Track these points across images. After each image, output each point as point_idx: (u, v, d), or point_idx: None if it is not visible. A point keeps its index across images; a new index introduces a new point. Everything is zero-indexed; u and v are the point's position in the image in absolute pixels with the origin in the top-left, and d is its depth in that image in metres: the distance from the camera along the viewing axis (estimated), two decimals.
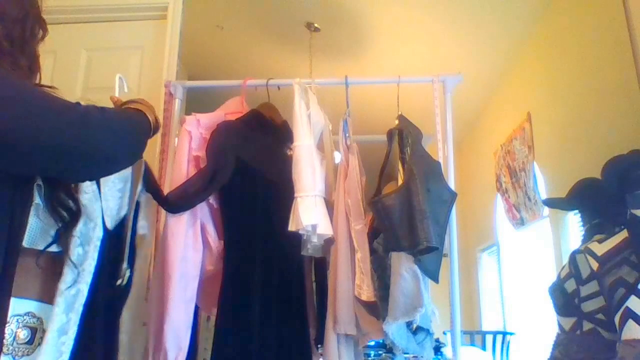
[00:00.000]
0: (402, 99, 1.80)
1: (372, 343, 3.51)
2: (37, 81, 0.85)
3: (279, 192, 1.53)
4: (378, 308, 1.49)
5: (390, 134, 1.69)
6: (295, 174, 1.50)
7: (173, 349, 1.36)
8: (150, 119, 0.99)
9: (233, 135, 1.55)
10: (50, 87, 0.81)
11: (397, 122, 1.70)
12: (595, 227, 1.80)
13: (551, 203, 2.55)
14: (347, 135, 1.72)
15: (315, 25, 3.42)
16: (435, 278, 1.51)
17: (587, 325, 1.65)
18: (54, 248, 0.82)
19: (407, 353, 1.56)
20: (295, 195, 1.47)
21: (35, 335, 0.74)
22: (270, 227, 1.52)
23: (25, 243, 0.74)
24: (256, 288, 1.47)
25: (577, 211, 2.15)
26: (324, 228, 1.48)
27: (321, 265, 1.68)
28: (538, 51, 3.31)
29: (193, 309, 1.44)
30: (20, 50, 0.82)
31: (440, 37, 3.53)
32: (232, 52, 3.85)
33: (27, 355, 0.73)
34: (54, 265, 0.82)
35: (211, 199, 1.53)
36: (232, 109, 1.71)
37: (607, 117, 2.36)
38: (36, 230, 0.76)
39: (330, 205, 1.59)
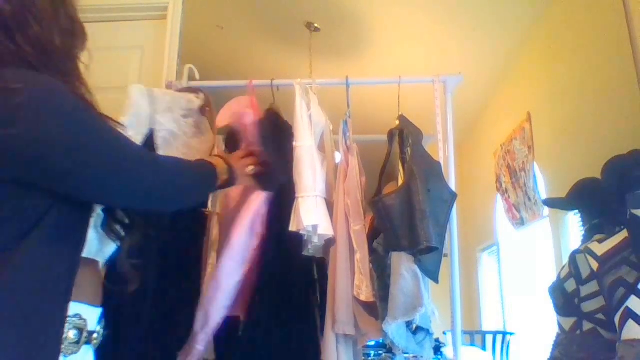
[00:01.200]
0: (403, 99, 1.80)
1: (372, 343, 3.51)
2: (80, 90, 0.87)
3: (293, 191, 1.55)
4: (377, 308, 1.49)
5: (391, 134, 1.69)
6: (296, 175, 1.50)
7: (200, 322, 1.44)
8: (220, 171, 1.09)
9: None
10: (118, 123, 0.85)
11: (397, 122, 1.70)
12: (595, 227, 1.80)
13: (551, 203, 2.55)
14: (347, 136, 1.72)
15: (315, 25, 3.41)
16: (435, 278, 1.51)
17: (587, 325, 1.65)
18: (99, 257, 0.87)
19: (407, 353, 1.56)
20: (297, 195, 1.48)
21: (82, 335, 0.79)
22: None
23: (83, 254, 0.78)
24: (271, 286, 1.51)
25: (577, 211, 2.15)
26: (325, 228, 1.49)
27: (322, 265, 1.69)
28: (538, 51, 3.31)
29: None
30: (72, 63, 0.85)
31: (440, 37, 3.53)
32: (232, 52, 3.86)
33: (75, 353, 0.77)
34: (98, 269, 0.87)
35: None
36: (236, 109, 1.71)
37: (607, 117, 2.36)
38: (94, 242, 0.82)
39: (330, 206, 1.59)
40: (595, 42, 2.50)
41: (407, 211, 1.44)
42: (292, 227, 1.45)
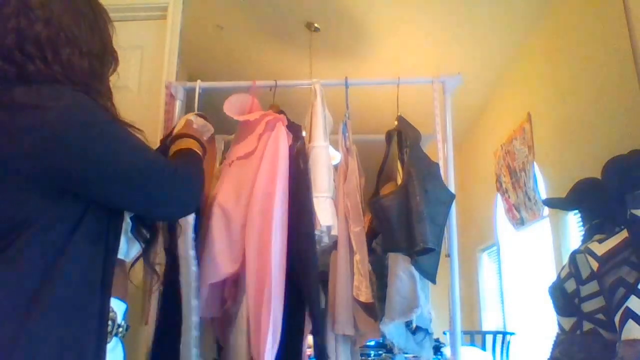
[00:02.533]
0: (402, 99, 1.80)
1: (372, 343, 3.51)
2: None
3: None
4: (376, 309, 1.49)
5: (389, 135, 1.69)
6: (313, 174, 1.51)
7: None
8: (199, 152, 1.15)
9: None
10: (138, 129, 0.92)
11: (396, 123, 1.70)
12: (595, 227, 1.80)
13: (551, 203, 2.55)
14: (346, 137, 1.72)
15: (315, 25, 3.41)
16: (432, 279, 1.51)
17: (587, 325, 1.65)
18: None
19: (407, 353, 1.56)
20: (313, 194, 1.49)
21: (114, 326, 0.88)
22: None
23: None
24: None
25: (577, 211, 2.15)
26: (336, 230, 1.51)
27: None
28: (538, 51, 3.31)
29: None
30: (101, 83, 0.92)
31: (440, 37, 3.53)
32: (232, 52, 3.86)
33: (109, 342, 0.85)
34: (125, 268, 0.95)
35: None
36: (239, 110, 1.69)
37: (607, 117, 2.36)
38: (123, 245, 0.90)
39: None
40: (595, 42, 2.50)
41: (404, 212, 1.43)
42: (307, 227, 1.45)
